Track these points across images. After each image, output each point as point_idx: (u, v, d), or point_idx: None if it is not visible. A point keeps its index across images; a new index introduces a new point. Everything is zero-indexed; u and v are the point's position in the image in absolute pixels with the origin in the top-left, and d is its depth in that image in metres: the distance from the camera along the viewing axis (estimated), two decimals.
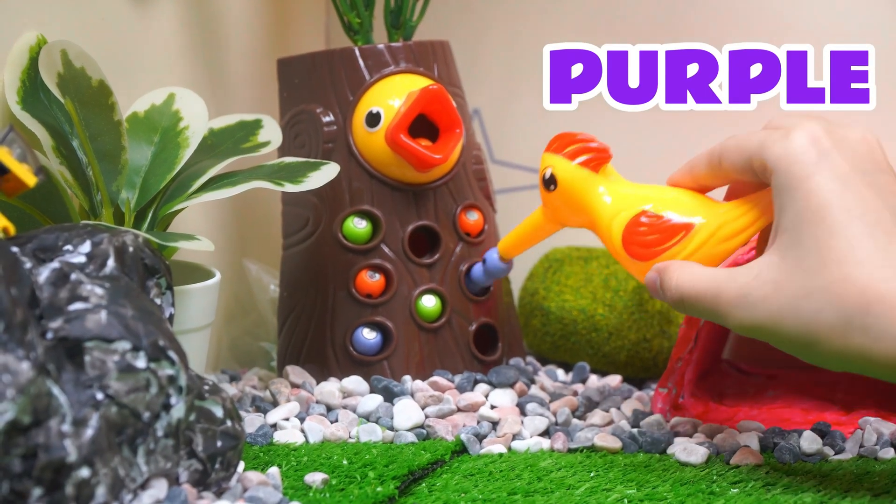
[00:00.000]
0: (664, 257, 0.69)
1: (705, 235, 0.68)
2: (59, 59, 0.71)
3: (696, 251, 0.68)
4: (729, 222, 0.68)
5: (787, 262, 0.61)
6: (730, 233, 0.68)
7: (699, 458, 0.71)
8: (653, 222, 0.70)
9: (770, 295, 0.61)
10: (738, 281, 0.63)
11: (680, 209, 0.70)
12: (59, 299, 0.55)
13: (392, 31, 0.89)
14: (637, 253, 0.70)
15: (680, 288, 0.66)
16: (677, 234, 0.69)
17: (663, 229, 0.69)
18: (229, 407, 0.61)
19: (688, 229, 0.68)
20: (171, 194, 0.76)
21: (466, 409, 0.79)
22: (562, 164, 0.73)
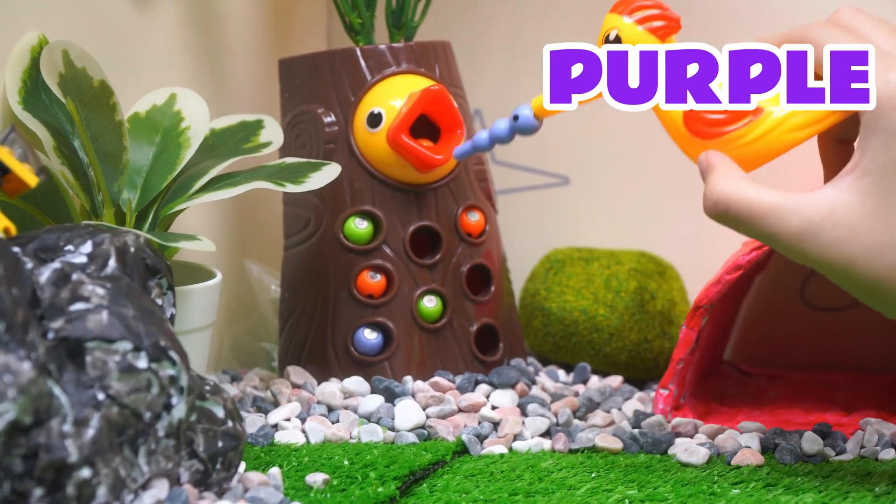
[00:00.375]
0: (728, 138, 0.65)
1: (774, 122, 0.64)
2: (60, 59, 0.71)
3: (762, 137, 0.64)
4: (800, 112, 0.64)
5: (867, 209, 0.58)
6: (799, 123, 0.64)
7: (700, 458, 0.71)
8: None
9: (844, 238, 0.58)
10: (804, 214, 0.60)
11: None
12: (61, 299, 0.55)
13: (393, 31, 0.89)
14: (699, 130, 0.66)
15: (724, 199, 0.62)
16: (745, 117, 0.64)
17: (731, 110, 0.65)
18: (230, 407, 0.61)
19: (756, 113, 0.64)
20: (173, 195, 0.76)
21: (467, 410, 0.79)
22: (629, 28, 0.68)
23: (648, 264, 0.92)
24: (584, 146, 1.04)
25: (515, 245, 1.00)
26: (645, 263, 0.92)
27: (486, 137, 0.73)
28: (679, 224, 1.01)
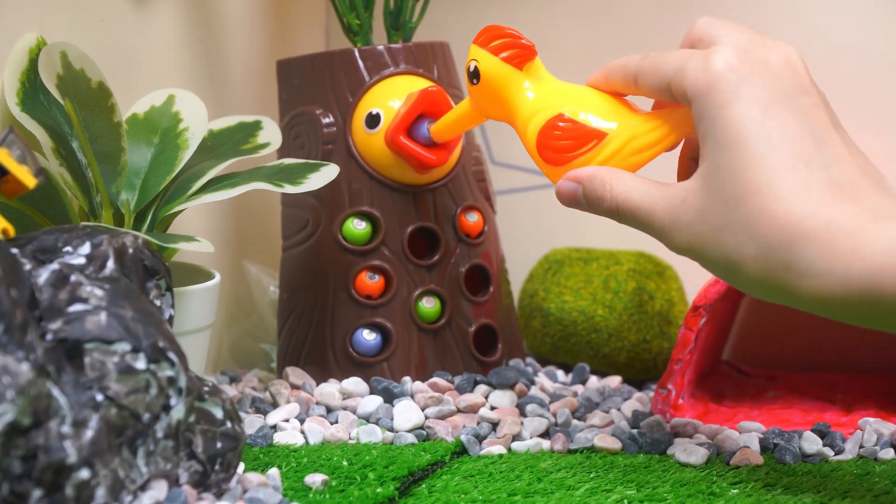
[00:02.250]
0: (575, 164, 0.67)
1: (617, 146, 0.66)
2: (58, 60, 0.71)
3: (607, 161, 0.66)
4: (641, 135, 0.66)
5: (708, 191, 0.60)
6: (640, 146, 0.66)
7: (699, 458, 0.71)
8: (568, 127, 0.67)
9: (694, 221, 0.60)
10: (669, 203, 0.62)
11: (598, 114, 0.67)
12: (59, 301, 0.55)
13: (391, 32, 0.89)
14: (549, 157, 0.68)
15: (616, 198, 0.64)
16: (590, 142, 0.66)
17: (578, 135, 0.67)
18: (229, 408, 0.61)
19: (600, 137, 0.66)
20: (171, 196, 0.76)
21: (466, 411, 0.79)
22: (486, 58, 0.71)
23: (647, 265, 0.92)
24: None
25: (514, 245, 1.00)
26: (643, 264, 0.92)
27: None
28: None
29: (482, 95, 0.72)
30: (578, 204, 0.67)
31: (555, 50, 1.04)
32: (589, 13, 1.03)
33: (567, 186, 0.67)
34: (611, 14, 1.02)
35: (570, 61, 1.03)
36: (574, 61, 1.03)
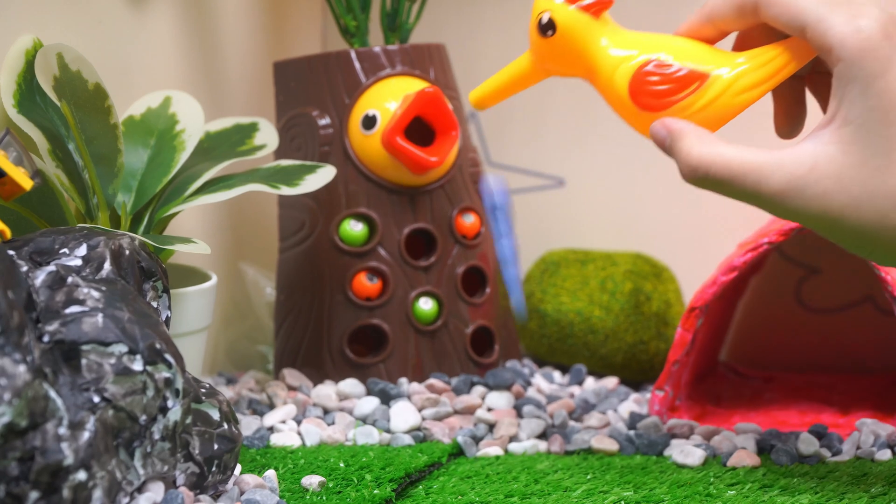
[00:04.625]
0: (676, 108, 0.64)
1: (722, 86, 0.63)
2: (55, 62, 0.71)
3: (713, 102, 0.63)
4: (750, 71, 0.63)
5: (852, 158, 0.57)
6: (751, 83, 0.63)
7: (696, 460, 0.71)
8: (665, 71, 0.64)
9: (831, 190, 0.57)
10: (788, 169, 0.59)
11: (693, 58, 0.64)
12: (56, 302, 0.55)
13: (388, 33, 0.89)
14: (647, 103, 0.64)
15: (703, 163, 0.61)
16: (692, 84, 0.63)
17: (677, 78, 0.64)
18: (226, 410, 0.61)
19: (703, 79, 0.63)
20: (168, 197, 0.76)
21: (463, 412, 0.79)
22: (561, 8, 0.67)
23: (644, 266, 0.92)
24: (580, 148, 1.05)
25: None
26: (640, 265, 0.92)
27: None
28: (674, 226, 1.01)
29: (554, 49, 0.68)
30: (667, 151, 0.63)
31: None
32: None
33: (659, 133, 0.64)
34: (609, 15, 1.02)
35: None
36: None
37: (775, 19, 0.61)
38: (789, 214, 0.59)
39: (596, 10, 0.67)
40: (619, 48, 0.66)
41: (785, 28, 0.61)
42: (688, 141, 0.62)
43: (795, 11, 0.60)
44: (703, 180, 0.61)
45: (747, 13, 0.63)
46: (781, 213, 0.60)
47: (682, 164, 0.62)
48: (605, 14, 0.67)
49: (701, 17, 0.65)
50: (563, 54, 0.68)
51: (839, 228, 0.58)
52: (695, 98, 0.63)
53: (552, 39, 0.67)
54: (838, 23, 0.58)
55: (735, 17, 0.64)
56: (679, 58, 0.64)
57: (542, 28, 0.67)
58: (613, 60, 0.66)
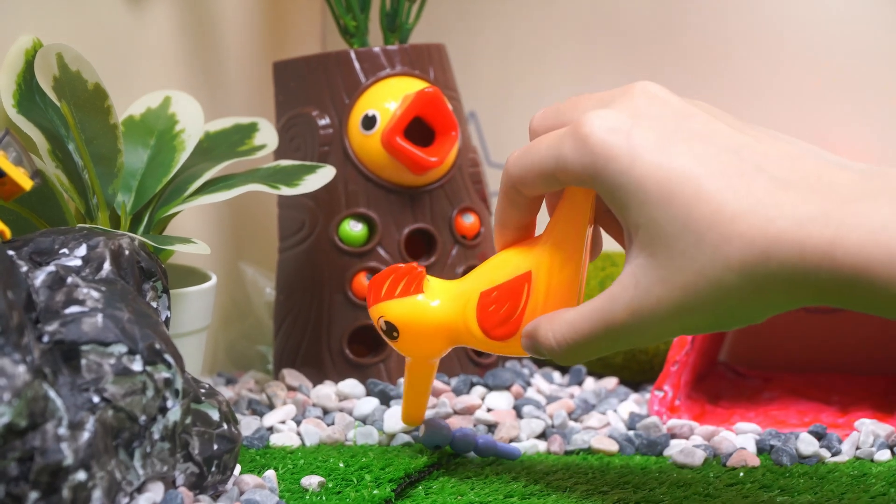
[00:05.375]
0: (530, 315, 0.62)
1: (547, 272, 0.62)
2: (54, 62, 0.71)
3: (551, 289, 0.62)
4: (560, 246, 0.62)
5: (661, 256, 0.55)
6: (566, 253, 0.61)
7: (696, 460, 0.71)
8: (495, 295, 0.63)
9: (664, 295, 0.55)
10: (620, 301, 0.57)
11: (506, 269, 0.63)
12: (56, 303, 0.55)
13: (388, 33, 0.89)
14: (503, 332, 0.63)
15: (565, 339, 0.59)
16: (522, 289, 0.62)
17: (508, 294, 0.62)
18: (225, 410, 0.61)
19: (527, 279, 0.62)
20: (168, 197, 0.76)
21: (463, 412, 0.79)
22: (390, 306, 0.65)
23: None
24: None
25: None
26: None
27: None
28: None
29: (413, 343, 0.66)
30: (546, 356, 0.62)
31: (552, 51, 1.04)
32: (586, 14, 1.03)
33: (525, 346, 0.62)
34: (607, 16, 1.02)
35: (567, 63, 1.03)
36: (572, 63, 1.03)
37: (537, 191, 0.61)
38: (654, 334, 0.57)
39: (416, 286, 0.65)
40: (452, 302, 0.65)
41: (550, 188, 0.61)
42: (541, 333, 0.61)
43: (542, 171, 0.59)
44: (572, 354, 0.60)
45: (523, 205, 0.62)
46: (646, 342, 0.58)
47: (549, 355, 0.61)
48: (426, 280, 0.66)
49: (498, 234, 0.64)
50: (420, 340, 0.66)
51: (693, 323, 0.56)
52: (535, 298, 0.62)
53: (403, 337, 0.66)
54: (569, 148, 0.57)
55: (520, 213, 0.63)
56: (497, 277, 0.63)
57: (388, 333, 0.66)
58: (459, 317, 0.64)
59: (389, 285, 0.65)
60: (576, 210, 0.61)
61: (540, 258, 0.62)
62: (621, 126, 0.56)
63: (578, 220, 0.61)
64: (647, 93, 0.57)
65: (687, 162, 0.54)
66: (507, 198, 0.63)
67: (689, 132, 0.56)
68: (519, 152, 0.61)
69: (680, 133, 0.56)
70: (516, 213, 0.63)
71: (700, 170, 0.54)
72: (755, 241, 0.52)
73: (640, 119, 0.56)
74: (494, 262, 0.64)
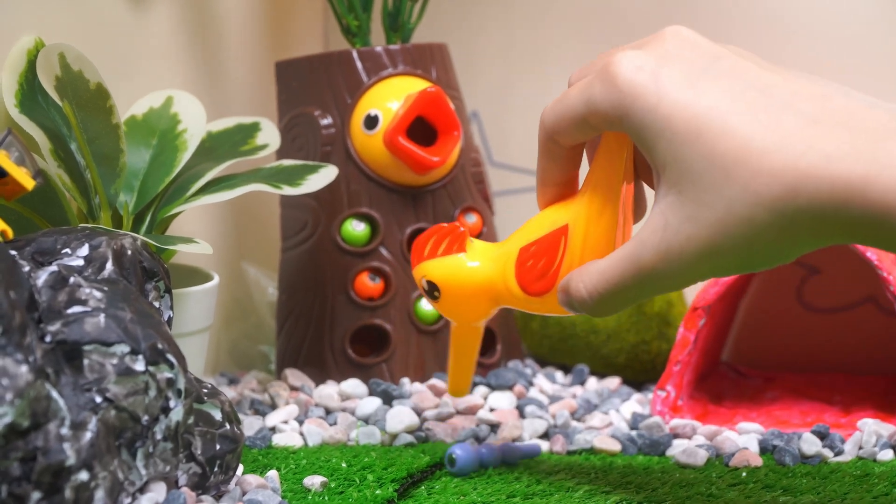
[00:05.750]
0: (565, 270, 0.62)
1: (584, 223, 0.61)
2: (56, 62, 0.71)
3: (587, 241, 0.61)
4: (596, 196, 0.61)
5: (689, 193, 0.54)
6: (602, 203, 0.61)
7: (698, 460, 0.71)
8: (533, 249, 0.63)
9: (693, 233, 0.54)
10: (650, 241, 0.56)
11: (544, 225, 0.63)
12: (58, 303, 0.55)
13: (390, 33, 0.89)
14: (540, 287, 0.63)
15: (596, 289, 0.59)
16: (559, 243, 0.62)
17: (545, 248, 0.62)
18: (228, 410, 0.61)
19: (564, 232, 0.62)
20: (170, 197, 0.76)
21: (465, 412, 0.79)
22: (432, 265, 0.66)
23: None
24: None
25: None
26: None
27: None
28: None
29: (455, 303, 0.66)
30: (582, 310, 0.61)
31: (554, 51, 1.04)
32: (587, 13, 1.03)
33: (563, 301, 0.62)
34: (608, 16, 1.02)
35: (568, 63, 1.03)
36: (574, 62, 1.03)
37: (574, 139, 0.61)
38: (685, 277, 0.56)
39: (459, 245, 0.66)
40: (494, 261, 0.65)
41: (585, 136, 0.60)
42: (572, 285, 0.60)
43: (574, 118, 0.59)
44: (604, 304, 0.59)
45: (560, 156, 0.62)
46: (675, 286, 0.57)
47: (581, 307, 0.60)
48: (469, 241, 0.66)
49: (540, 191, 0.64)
50: (463, 301, 0.66)
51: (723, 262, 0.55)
52: (571, 251, 0.62)
53: (445, 297, 0.66)
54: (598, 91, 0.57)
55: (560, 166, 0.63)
56: (534, 233, 0.63)
57: (429, 295, 0.66)
58: (499, 275, 0.64)
59: (433, 245, 0.66)
60: (611, 158, 0.61)
61: (577, 211, 0.62)
62: (648, 65, 0.56)
63: (614, 168, 0.61)
64: (677, 36, 0.57)
65: (714, 99, 0.54)
66: (545, 150, 0.62)
67: (717, 71, 0.55)
68: (553, 102, 0.61)
69: (708, 72, 0.55)
70: (555, 167, 0.63)
71: (727, 105, 0.54)
72: (784, 175, 0.52)
73: (668, 59, 0.56)
74: (535, 220, 0.64)
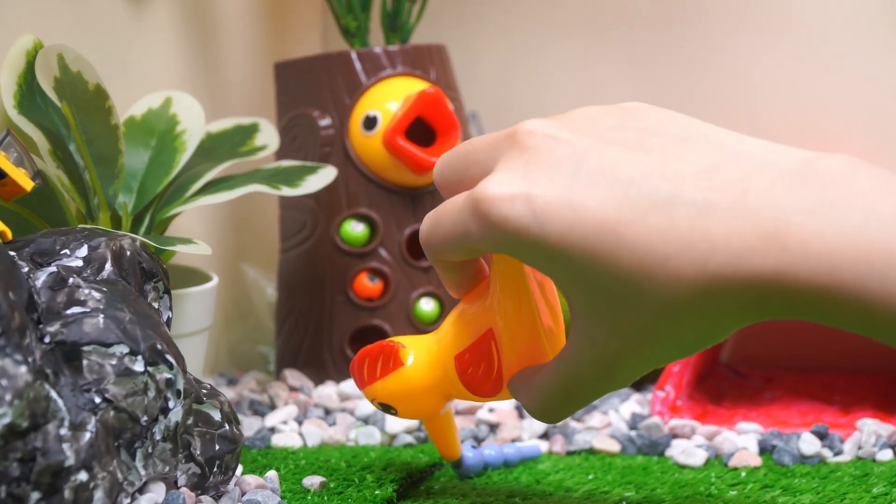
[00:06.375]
0: (508, 368, 0.59)
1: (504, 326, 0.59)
2: (55, 63, 0.71)
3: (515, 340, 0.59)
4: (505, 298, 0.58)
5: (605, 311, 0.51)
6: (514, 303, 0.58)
7: (698, 460, 0.71)
8: (467, 357, 0.60)
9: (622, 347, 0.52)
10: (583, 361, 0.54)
11: (469, 327, 0.60)
12: (57, 303, 0.55)
13: (389, 34, 0.89)
14: (489, 389, 0.60)
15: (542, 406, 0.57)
16: (490, 348, 0.59)
17: (479, 355, 0.60)
18: (227, 411, 0.61)
19: (491, 336, 0.59)
20: (169, 198, 0.76)
21: (465, 413, 0.79)
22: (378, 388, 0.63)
23: None
24: None
25: None
26: None
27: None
28: None
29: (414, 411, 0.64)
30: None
31: (553, 51, 1.04)
32: (587, 14, 1.03)
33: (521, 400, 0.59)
34: (607, 16, 1.02)
35: (568, 63, 1.03)
36: (573, 62, 1.03)
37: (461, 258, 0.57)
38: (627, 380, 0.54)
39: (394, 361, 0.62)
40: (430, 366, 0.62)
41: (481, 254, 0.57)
42: (521, 398, 0.58)
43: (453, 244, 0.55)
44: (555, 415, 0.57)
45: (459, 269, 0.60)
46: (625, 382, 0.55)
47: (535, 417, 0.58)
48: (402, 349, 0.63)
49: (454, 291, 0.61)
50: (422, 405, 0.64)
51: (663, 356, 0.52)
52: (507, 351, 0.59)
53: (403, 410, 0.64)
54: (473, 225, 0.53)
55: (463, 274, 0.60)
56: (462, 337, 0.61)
57: (387, 411, 0.64)
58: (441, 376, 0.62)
59: (368, 370, 0.63)
60: (504, 263, 0.58)
61: (494, 313, 0.59)
62: (518, 190, 0.51)
63: (514, 268, 0.58)
64: (531, 134, 0.53)
65: (597, 211, 0.50)
66: (436, 263, 0.59)
67: (587, 174, 0.51)
68: (429, 224, 0.57)
69: (579, 177, 0.51)
70: (453, 273, 0.60)
71: (614, 216, 0.49)
72: (695, 281, 0.48)
73: (535, 175, 0.51)
74: (459, 319, 0.61)
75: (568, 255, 0.50)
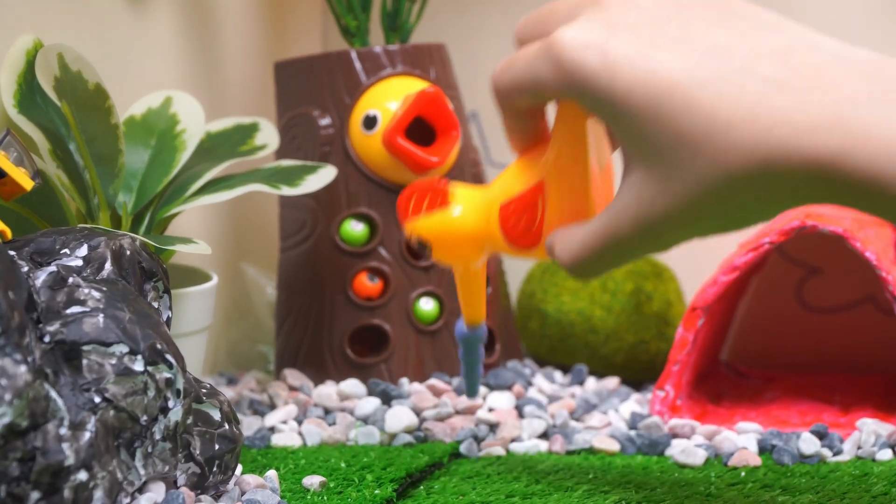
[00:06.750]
0: (549, 224, 0.60)
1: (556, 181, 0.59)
2: (55, 62, 0.71)
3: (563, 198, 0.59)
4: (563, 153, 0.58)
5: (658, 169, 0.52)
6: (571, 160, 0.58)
7: (697, 459, 0.71)
8: (513, 207, 0.61)
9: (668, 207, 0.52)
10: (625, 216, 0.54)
11: (521, 179, 0.61)
12: (57, 303, 0.55)
13: (389, 33, 0.89)
14: (527, 242, 0.61)
15: (578, 258, 0.57)
16: (537, 201, 0.60)
17: (525, 206, 0.61)
18: (227, 410, 0.61)
19: (540, 190, 0.60)
20: (169, 198, 0.76)
21: (464, 412, 0.79)
22: (420, 223, 0.64)
23: (645, 266, 0.92)
24: None
25: None
26: (641, 265, 0.92)
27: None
28: None
29: (448, 255, 0.65)
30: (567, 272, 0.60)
31: None
32: None
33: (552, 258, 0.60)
34: None
35: None
36: None
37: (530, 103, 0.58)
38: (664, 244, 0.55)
39: (443, 200, 0.64)
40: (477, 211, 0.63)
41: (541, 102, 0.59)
42: (556, 249, 0.59)
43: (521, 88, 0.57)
44: (587, 271, 0.58)
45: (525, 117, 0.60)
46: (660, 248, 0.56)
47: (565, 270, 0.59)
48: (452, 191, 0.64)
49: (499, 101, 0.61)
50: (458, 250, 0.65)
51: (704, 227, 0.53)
52: (552, 206, 0.60)
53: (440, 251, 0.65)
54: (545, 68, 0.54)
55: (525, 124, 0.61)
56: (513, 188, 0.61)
57: (421, 248, 0.65)
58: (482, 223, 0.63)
59: (415, 203, 0.65)
60: (570, 114, 0.59)
61: (549, 168, 0.60)
62: (594, 40, 0.52)
63: (577, 122, 0.58)
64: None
65: (670, 70, 0.51)
66: (504, 110, 0.60)
67: (668, 37, 0.52)
68: (502, 66, 0.58)
69: (659, 39, 0.52)
70: (519, 121, 0.60)
71: (685, 77, 0.50)
72: (754, 151, 0.49)
73: (614, 29, 0.52)
74: (512, 172, 0.63)
75: (631, 108, 0.51)
